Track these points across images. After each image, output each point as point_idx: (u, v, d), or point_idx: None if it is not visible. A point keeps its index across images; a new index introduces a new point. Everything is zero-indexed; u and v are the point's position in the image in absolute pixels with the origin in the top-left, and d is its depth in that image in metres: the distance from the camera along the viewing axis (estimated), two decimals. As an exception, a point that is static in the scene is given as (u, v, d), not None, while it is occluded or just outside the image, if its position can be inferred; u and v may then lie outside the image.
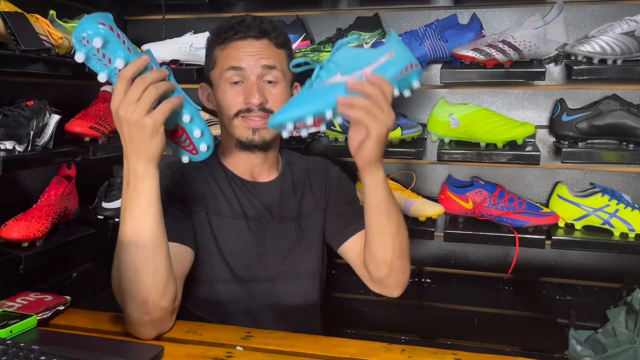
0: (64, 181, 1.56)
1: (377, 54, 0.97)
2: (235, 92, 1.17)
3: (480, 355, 0.95)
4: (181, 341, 1.00)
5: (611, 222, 1.62)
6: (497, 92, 1.82)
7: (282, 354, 0.96)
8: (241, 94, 1.17)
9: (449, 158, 1.66)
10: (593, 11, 1.71)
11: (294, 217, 1.28)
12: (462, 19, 1.72)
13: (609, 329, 1.46)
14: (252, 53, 1.17)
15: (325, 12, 1.89)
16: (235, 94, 1.17)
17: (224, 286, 1.21)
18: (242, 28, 1.18)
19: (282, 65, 1.20)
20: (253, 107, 1.16)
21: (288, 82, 1.23)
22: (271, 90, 1.18)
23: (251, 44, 1.18)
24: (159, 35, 1.93)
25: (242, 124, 1.18)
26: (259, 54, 1.17)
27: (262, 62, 1.17)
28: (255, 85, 1.16)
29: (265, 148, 1.24)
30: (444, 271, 1.94)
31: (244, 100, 1.17)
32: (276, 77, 1.19)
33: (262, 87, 1.17)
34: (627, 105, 1.58)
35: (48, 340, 0.94)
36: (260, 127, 1.18)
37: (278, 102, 1.17)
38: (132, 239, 0.94)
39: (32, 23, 1.33)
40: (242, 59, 1.17)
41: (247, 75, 1.17)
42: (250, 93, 1.16)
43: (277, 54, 1.20)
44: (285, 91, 1.21)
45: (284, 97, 1.19)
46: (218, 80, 1.21)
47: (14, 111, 1.35)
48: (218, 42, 1.21)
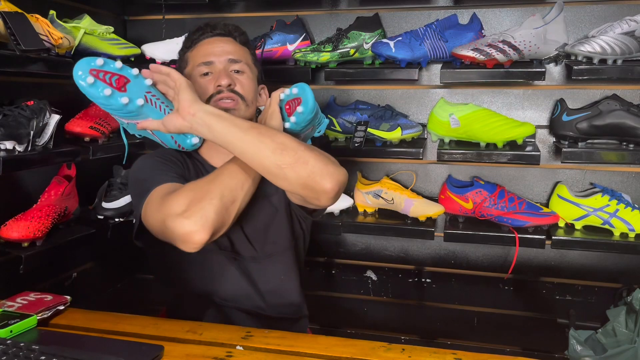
0: (64, 181, 1.56)
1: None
2: (206, 81, 1.25)
3: (480, 355, 0.95)
4: (181, 341, 1.00)
5: (611, 222, 1.62)
6: (497, 92, 1.82)
7: (282, 354, 0.96)
8: (211, 81, 1.24)
9: (449, 158, 1.66)
10: (593, 11, 1.71)
11: (265, 195, 1.26)
12: (462, 19, 1.72)
13: (609, 329, 1.46)
14: (219, 49, 1.27)
15: (325, 12, 1.89)
16: (206, 83, 1.25)
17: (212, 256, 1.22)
18: (208, 28, 1.29)
19: (247, 60, 1.29)
20: (222, 89, 1.22)
21: (255, 76, 1.30)
22: (238, 77, 1.26)
23: (217, 40, 1.28)
24: (159, 35, 1.93)
25: (214, 106, 1.17)
26: (225, 49, 1.27)
27: (228, 56, 1.26)
28: (223, 71, 1.24)
29: None
30: (444, 271, 1.94)
31: (214, 85, 1.23)
32: (242, 68, 1.27)
33: (229, 73, 1.25)
34: (627, 105, 1.58)
35: (48, 340, 0.94)
36: (231, 107, 1.22)
37: (245, 88, 1.25)
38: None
39: (32, 23, 1.33)
40: (210, 54, 1.26)
41: (216, 66, 1.26)
42: (219, 77, 1.23)
43: (241, 49, 1.30)
44: (252, 80, 1.28)
45: (250, 86, 1.26)
46: (190, 76, 1.27)
47: (14, 111, 1.35)
48: (187, 46, 1.31)
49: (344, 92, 1.91)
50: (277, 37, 1.76)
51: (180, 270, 1.26)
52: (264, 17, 1.90)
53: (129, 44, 1.79)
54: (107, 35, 1.69)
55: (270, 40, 1.75)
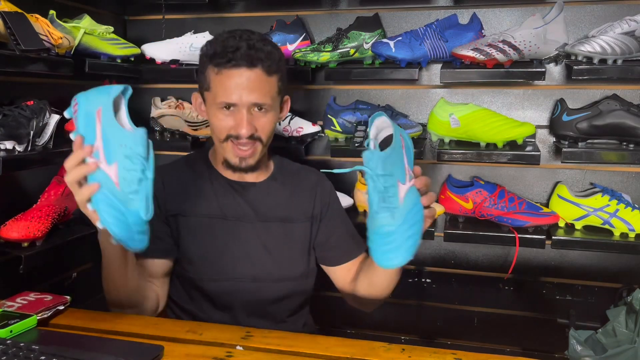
0: (64, 181, 1.55)
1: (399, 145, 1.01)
2: (226, 116, 1.21)
3: (480, 355, 0.95)
4: (181, 341, 1.00)
5: (611, 222, 1.62)
6: (497, 92, 1.82)
7: (282, 354, 0.96)
8: (231, 120, 1.20)
9: (449, 158, 1.66)
10: (593, 11, 1.70)
11: (280, 219, 1.31)
12: (462, 19, 1.72)
13: (609, 329, 1.46)
14: (244, 86, 1.18)
15: (325, 12, 1.89)
16: (226, 119, 1.21)
17: (204, 283, 1.26)
18: (236, 57, 1.17)
19: (272, 93, 1.22)
20: (242, 136, 1.20)
21: (277, 107, 1.26)
22: (260, 119, 1.21)
23: (243, 73, 1.18)
24: (159, 35, 1.92)
25: (231, 149, 1.23)
26: (250, 87, 1.18)
27: (252, 99, 1.19)
28: (244, 118, 1.19)
29: (252, 170, 1.30)
30: (444, 271, 1.94)
31: (234, 127, 1.20)
32: (266, 106, 1.21)
33: (251, 118, 1.20)
34: (627, 105, 1.58)
35: (48, 340, 0.94)
36: (248, 156, 1.23)
37: (265, 130, 1.22)
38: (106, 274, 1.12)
39: (32, 23, 1.33)
40: (233, 93, 1.18)
41: (239, 109, 1.20)
42: (239, 124, 1.19)
43: (268, 83, 1.21)
44: (273, 118, 1.24)
45: (271, 126, 1.24)
46: (211, 102, 1.23)
47: (14, 111, 1.35)
48: (212, 63, 1.20)
49: (344, 92, 1.91)
50: (277, 37, 1.75)
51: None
52: (264, 17, 1.90)
53: (129, 43, 1.79)
54: (107, 35, 1.69)
55: (270, 40, 1.75)
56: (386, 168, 0.96)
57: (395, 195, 0.95)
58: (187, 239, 1.26)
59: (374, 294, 1.27)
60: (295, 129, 1.78)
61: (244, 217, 1.28)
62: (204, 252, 1.26)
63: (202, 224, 1.27)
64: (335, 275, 1.37)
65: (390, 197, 0.95)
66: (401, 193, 0.96)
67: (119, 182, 0.91)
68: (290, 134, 1.78)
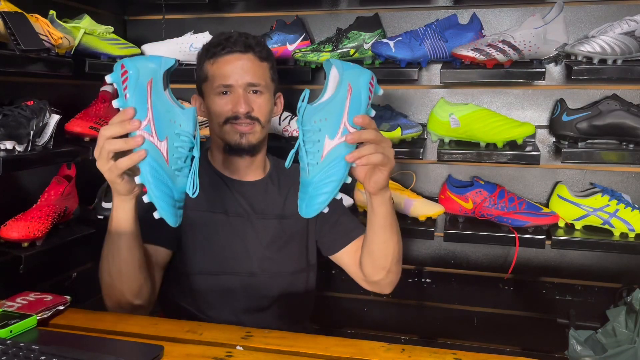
0: (64, 181, 1.56)
1: (341, 97, 0.95)
2: (224, 101, 1.28)
3: (480, 355, 0.95)
4: (181, 341, 1.00)
5: (611, 222, 1.62)
6: (497, 92, 1.82)
7: (282, 354, 0.96)
8: (229, 103, 1.28)
9: (449, 158, 1.66)
10: (593, 11, 1.71)
11: (276, 215, 1.35)
12: (462, 19, 1.72)
13: (609, 329, 1.46)
14: (238, 69, 1.28)
15: (325, 12, 1.89)
16: (224, 103, 1.28)
17: (201, 278, 1.28)
18: (229, 43, 1.28)
19: (265, 78, 1.31)
20: (240, 115, 1.27)
21: (271, 92, 1.34)
22: (256, 100, 1.29)
23: (237, 59, 1.28)
24: (159, 35, 1.93)
25: (231, 129, 1.29)
26: (245, 69, 1.28)
27: (247, 79, 1.28)
28: (241, 96, 1.27)
29: (253, 151, 1.33)
30: (444, 271, 1.94)
31: (231, 108, 1.27)
32: (260, 89, 1.30)
33: (247, 98, 1.28)
34: (627, 105, 1.58)
35: (48, 340, 0.94)
36: (248, 132, 1.28)
37: (262, 111, 1.30)
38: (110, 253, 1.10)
39: (32, 23, 1.33)
40: (229, 75, 1.27)
41: (235, 89, 1.28)
42: (237, 103, 1.27)
43: (260, 67, 1.31)
44: (268, 100, 1.32)
45: (267, 107, 1.31)
46: (209, 92, 1.31)
47: (14, 111, 1.35)
48: (208, 57, 1.31)
49: (344, 92, 1.91)
50: (277, 37, 1.76)
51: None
52: (264, 17, 1.90)
53: (129, 44, 1.79)
54: (107, 35, 1.69)
55: (270, 40, 1.75)
56: (313, 122, 0.95)
57: (320, 151, 0.95)
58: (187, 233, 1.28)
59: (378, 263, 1.26)
60: (295, 129, 1.78)
61: (242, 213, 1.32)
62: (202, 247, 1.28)
63: (201, 218, 1.29)
64: (344, 262, 1.38)
65: (313, 152, 0.95)
66: (326, 149, 0.95)
67: (168, 159, 0.93)
68: (290, 134, 1.78)
